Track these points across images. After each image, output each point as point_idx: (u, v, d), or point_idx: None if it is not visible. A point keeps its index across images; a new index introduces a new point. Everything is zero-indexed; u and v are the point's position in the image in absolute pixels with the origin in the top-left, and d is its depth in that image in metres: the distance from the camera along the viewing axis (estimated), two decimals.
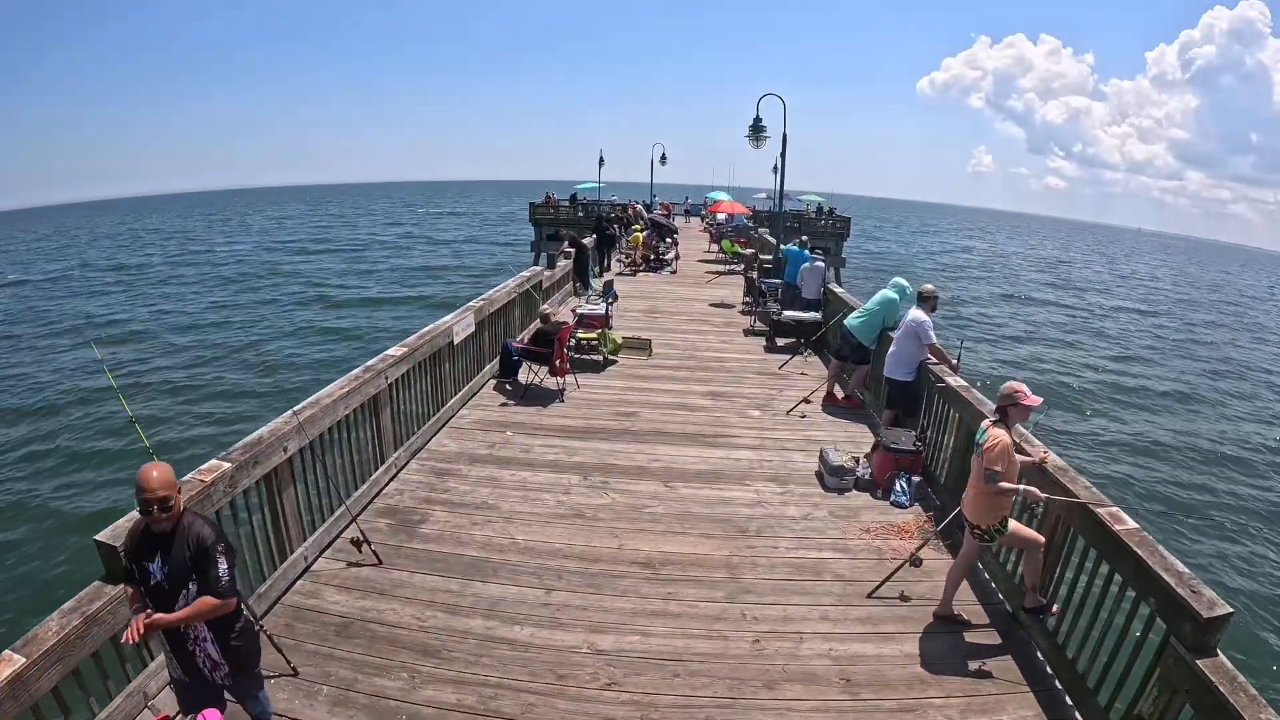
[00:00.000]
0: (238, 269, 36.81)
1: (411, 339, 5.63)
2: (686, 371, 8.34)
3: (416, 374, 5.68)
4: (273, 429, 3.82)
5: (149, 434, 10.22)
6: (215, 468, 3.37)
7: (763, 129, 13.59)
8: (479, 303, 7.25)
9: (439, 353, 6.12)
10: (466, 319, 6.71)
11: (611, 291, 10.35)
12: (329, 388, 4.42)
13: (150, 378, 16.74)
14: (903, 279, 6.90)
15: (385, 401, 5.06)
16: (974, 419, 4.62)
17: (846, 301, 8.77)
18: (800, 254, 11.81)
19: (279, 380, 17.00)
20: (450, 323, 6.32)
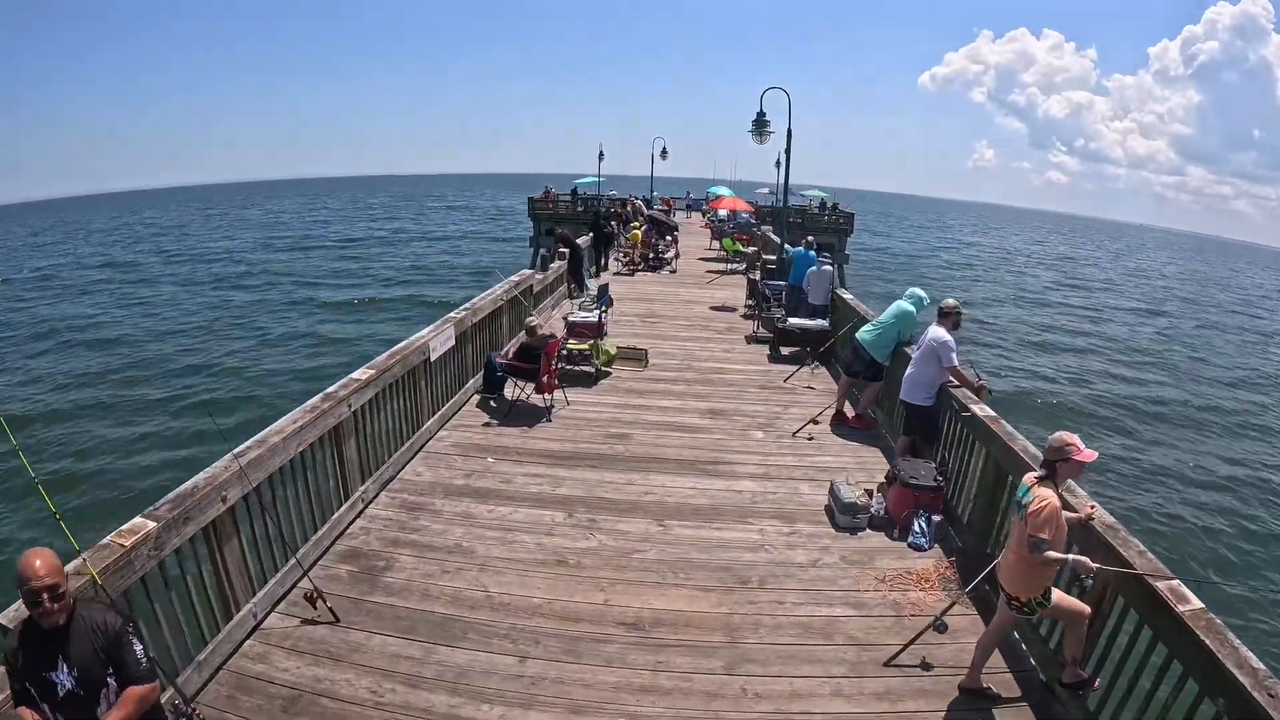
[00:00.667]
0: (224, 269, 35.69)
1: (381, 358, 5.17)
2: (684, 385, 7.90)
3: (388, 396, 5.25)
4: (209, 476, 3.38)
5: (68, 495, 9.38)
6: (138, 528, 2.93)
7: (766, 123, 13.12)
8: (460, 313, 6.80)
9: (414, 371, 5.68)
10: (446, 332, 6.27)
11: (606, 297, 9.90)
12: (280, 422, 3.97)
13: (78, 422, 13.89)
14: (920, 290, 6.45)
15: (350, 431, 4.62)
16: (1004, 456, 4.19)
17: (855, 309, 8.32)
18: (806, 255, 11.35)
19: (243, 402, 15.00)
20: (427, 338, 5.87)
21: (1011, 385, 17.99)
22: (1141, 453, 14.15)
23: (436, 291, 28.45)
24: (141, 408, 14.87)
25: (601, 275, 15.87)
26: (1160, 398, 18.57)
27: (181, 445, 12.44)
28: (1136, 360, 22.93)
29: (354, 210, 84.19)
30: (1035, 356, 22.16)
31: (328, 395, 4.39)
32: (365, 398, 4.77)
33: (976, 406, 4.73)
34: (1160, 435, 15.48)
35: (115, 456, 12.23)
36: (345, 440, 4.58)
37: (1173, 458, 14.04)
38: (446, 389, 6.51)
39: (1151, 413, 17.24)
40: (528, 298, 9.52)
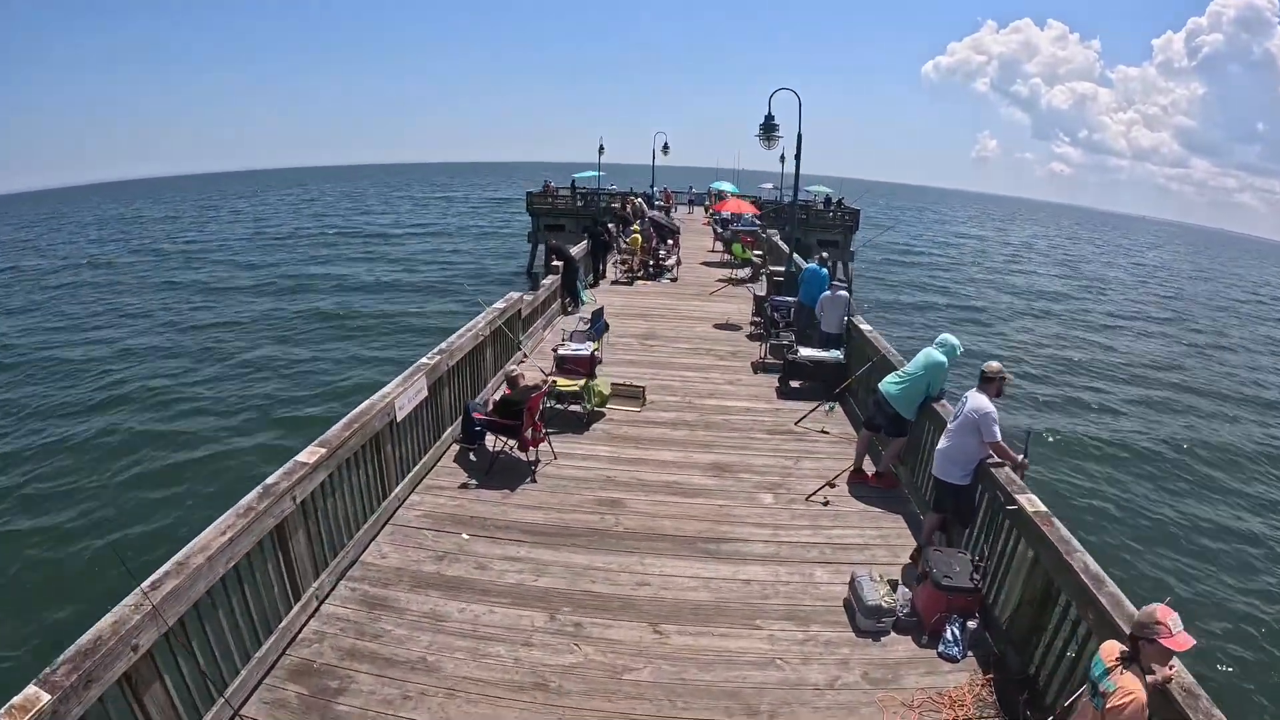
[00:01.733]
0: (196, 273, 32.68)
1: (334, 431, 4.60)
2: (686, 429, 7.34)
3: (346, 472, 4.70)
4: (116, 621, 2.84)
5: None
6: (30, 703, 2.39)
7: (775, 128, 12.48)
8: (434, 358, 6.22)
9: (378, 436, 5.12)
10: (416, 385, 5.70)
11: (601, 321, 9.30)
12: (205, 535, 3.42)
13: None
14: (953, 337, 5.87)
15: (297, 525, 4.08)
16: (1058, 569, 3.66)
17: (873, 343, 7.73)
18: (818, 274, 10.79)
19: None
20: (392, 396, 5.30)
21: (1039, 420, 16.98)
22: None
23: (420, 305, 25.88)
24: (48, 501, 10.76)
25: (599, 285, 15.27)
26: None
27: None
28: (1169, 380, 21.17)
29: (339, 203, 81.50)
30: (1060, 377, 20.53)
31: (266, 490, 3.83)
32: (315, 483, 4.22)
33: (1024, 498, 4.17)
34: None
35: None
36: (292, 535, 4.03)
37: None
38: (419, 446, 5.96)
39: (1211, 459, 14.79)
40: (514, 325, 8.94)
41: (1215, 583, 9.78)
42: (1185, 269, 66.25)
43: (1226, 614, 8.98)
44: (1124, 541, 10.63)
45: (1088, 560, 3.59)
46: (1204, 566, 10.21)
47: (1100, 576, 3.48)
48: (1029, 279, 41.79)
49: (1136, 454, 14.40)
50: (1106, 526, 11.06)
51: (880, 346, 7.49)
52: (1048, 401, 17.57)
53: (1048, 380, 19.69)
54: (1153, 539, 10.87)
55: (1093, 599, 3.38)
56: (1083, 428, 15.72)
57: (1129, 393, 19.17)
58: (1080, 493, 12.12)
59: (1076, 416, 16.64)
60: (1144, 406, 18.10)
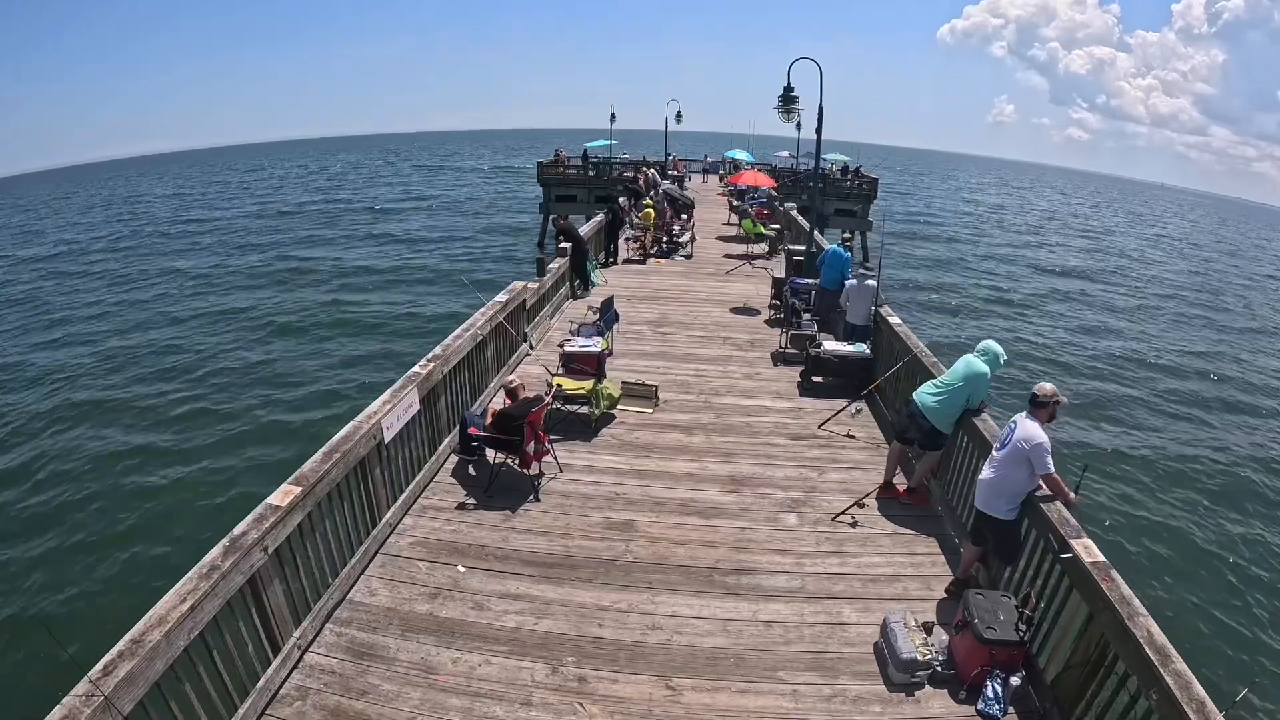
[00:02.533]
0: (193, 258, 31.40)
1: (311, 464, 4.24)
2: (701, 434, 6.92)
3: (328, 507, 4.35)
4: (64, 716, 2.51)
5: None
6: None
7: (795, 100, 11.74)
8: (426, 366, 5.82)
9: (365, 461, 4.77)
10: (406, 399, 5.31)
11: (611, 312, 8.83)
12: (161, 606, 3.10)
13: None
14: (995, 344, 5.37)
15: (272, 575, 3.75)
16: (1119, 639, 3.22)
17: (903, 338, 7.21)
18: (841, 256, 10.22)
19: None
20: (379, 415, 4.92)
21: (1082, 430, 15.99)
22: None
23: (423, 290, 24.56)
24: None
25: (611, 268, 14.75)
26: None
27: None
28: (1213, 372, 19.71)
29: (345, 174, 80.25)
30: (1092, 365, 19.41)
31: (233, 543, 3.49)
32: (291, 526, 3.88)
33: (1080, 545, 3.72)
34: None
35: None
36: (267, 588, 3.71)
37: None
38: (412, 464, 5.62)
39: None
40: (518, 318, 8.51)
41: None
42: (1206, 240, 63.46)
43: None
44: (1181, 586, 9.41)
45: (1152, 628, 3.16)
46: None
47: (1167, 651, 3.05)
48: (1055, 254, 39.99)
49: (1191, 467, 13.14)
50: (1160, 564, 9.88)
51: (911, 344, 6.97)
52: (1084, 398, 16.32)
53: (1081, 372, 18.63)
54: (1215, 585, 9.55)
55: (1156, 676, 2.98)
56: (1126, 433, 14.46)
57: (1173, 389, 17.85)
58: (1128, 519, 10.94)
59: (1117, 417, 15.42)
60: (1192, 406, 16.80)
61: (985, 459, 4.94)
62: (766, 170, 29.00)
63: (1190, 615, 8.79)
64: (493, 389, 7.51)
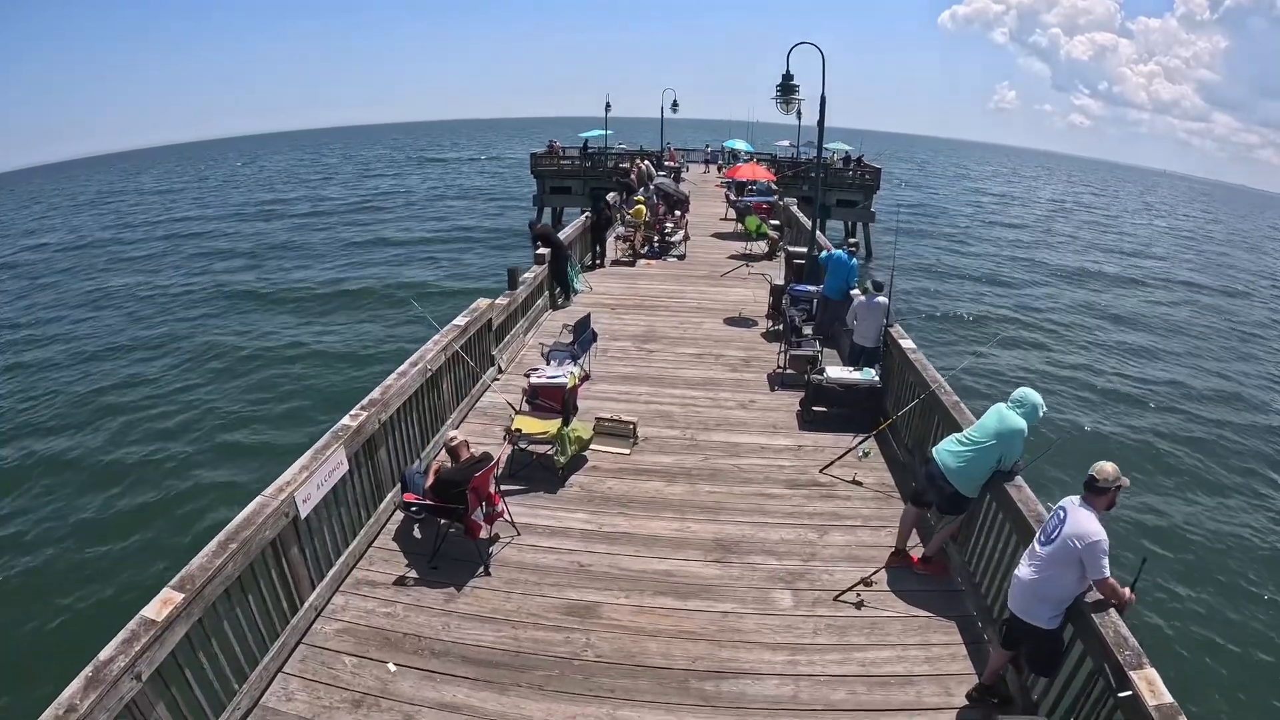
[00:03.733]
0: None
1: (201, 560, 3.47)
2: (685, 482, 6.12)
3: (228, 603, 3.56)
4: None
5: None
6: None
7: (795, 89, 10.85)
8: (358, 416, 5.00)
9: (278, 540, 3.96)
10: (330, 463, 4.50)
11: (588, 331, 7.99)
12: None
13: None
14: (1033, 392, 4.56)
15: (153, 701, 3.04)
16: None
17: (919, 370, 6.37)
18: (845, 263, 9.40)
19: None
20: (293, 488, 4.12)
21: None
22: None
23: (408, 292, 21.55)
24: None
25: (597, 270, 13.89)
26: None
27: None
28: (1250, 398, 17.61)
29: (340, 166, 77.80)
30: (1121, 387, 17.28)
31: (96, 674, 2.78)
32: (173, 642, 3.11)
33: (1143, 681, 2.93)
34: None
35: None
36: (147, 716, 2.92)
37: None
38: (343, 532, 4.85)
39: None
40: (483, 340, 7.66)
41: None
42: (1219, 232, 61.62)
43: None
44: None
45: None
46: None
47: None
48: (1072, 251, 37.98)
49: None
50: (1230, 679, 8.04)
51: (928, 376, 6.14)
52: (1112, 426, 14.70)
53: (1124, 402, 16.35)
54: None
55: None
56: (1187, 493, 12.31)
57: (1214, 415, 15.92)
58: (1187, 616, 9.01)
59: (1175, 466, 13.18)
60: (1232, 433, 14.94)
61: (1018, 537, 4.16)
62: (766, 162, 28.09)
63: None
64: (451, 426, 6.69)
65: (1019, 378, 15.42)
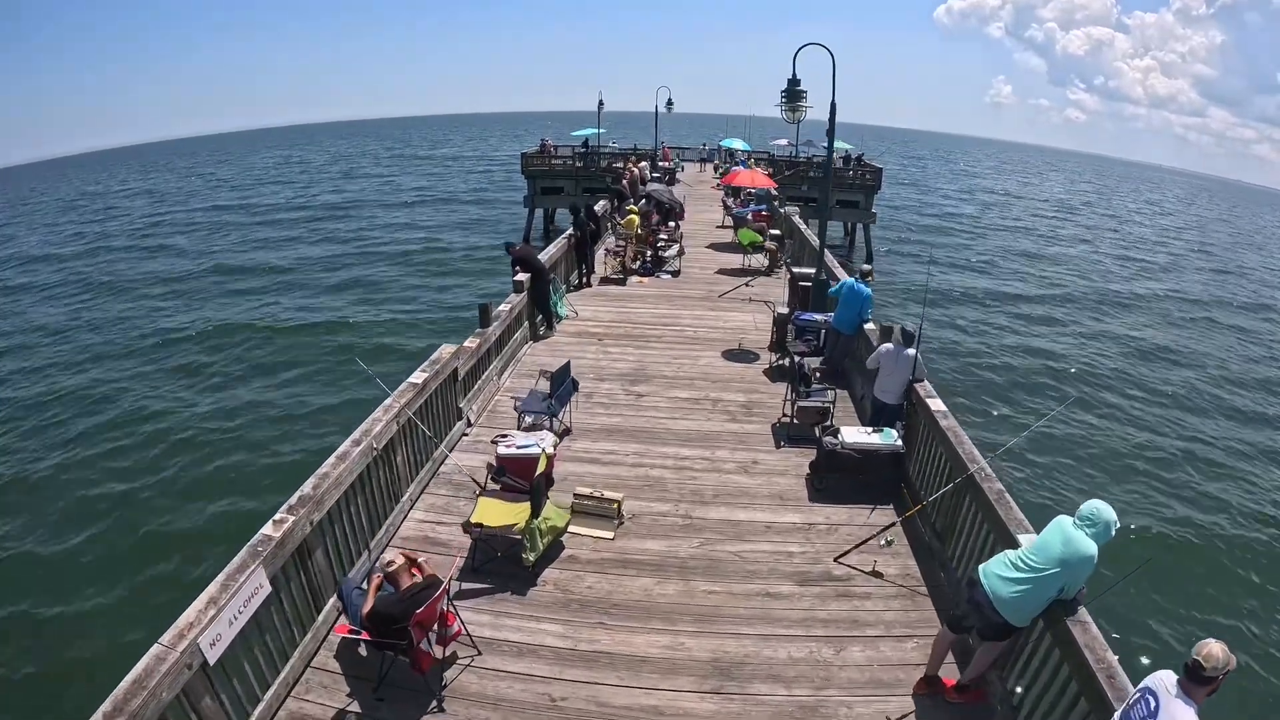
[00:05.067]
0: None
1: None
2: (678, 578, 5.33)
3: None
4: None
5: None
6: None
7: (801, 95, 10.02)
8: (283, 522, 4.19)
9: (183, 696, 3.17)
10: (245, 590, 3.71)
11: (568, 381, 7.17)
12: None
13: None
14: (1106, 508, 3.77)
15: None
16: None
17: (953, 443, 5.57)
18: (858, 292, 8.64)
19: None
20: (194, 634, 3.33)
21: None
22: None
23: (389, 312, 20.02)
24: None
25: (585, 290, 13.06)
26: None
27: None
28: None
29: (328, 167, 73.47)
30: (1148, 411, 15.89)
31: None
32: None
33: None
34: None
35: None
36: None
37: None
38: (271, 659, 4.02)
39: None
40: (445, 395, 6.83)
41: None
42: (1225, 232, 60.25)
43: None
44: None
45: None
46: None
47: None
48: (1082, 254, 36.07)
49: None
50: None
51: (963, 452, 5.34)
52: (1144, 455, 13.42)
53: (1139, 423, 15.05)
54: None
55: None
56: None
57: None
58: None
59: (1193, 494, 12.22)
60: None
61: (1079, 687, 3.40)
62: (764, 165, 27.26)
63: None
64: (406, 504, 5.88)
65: (1074, 456, 13.17)
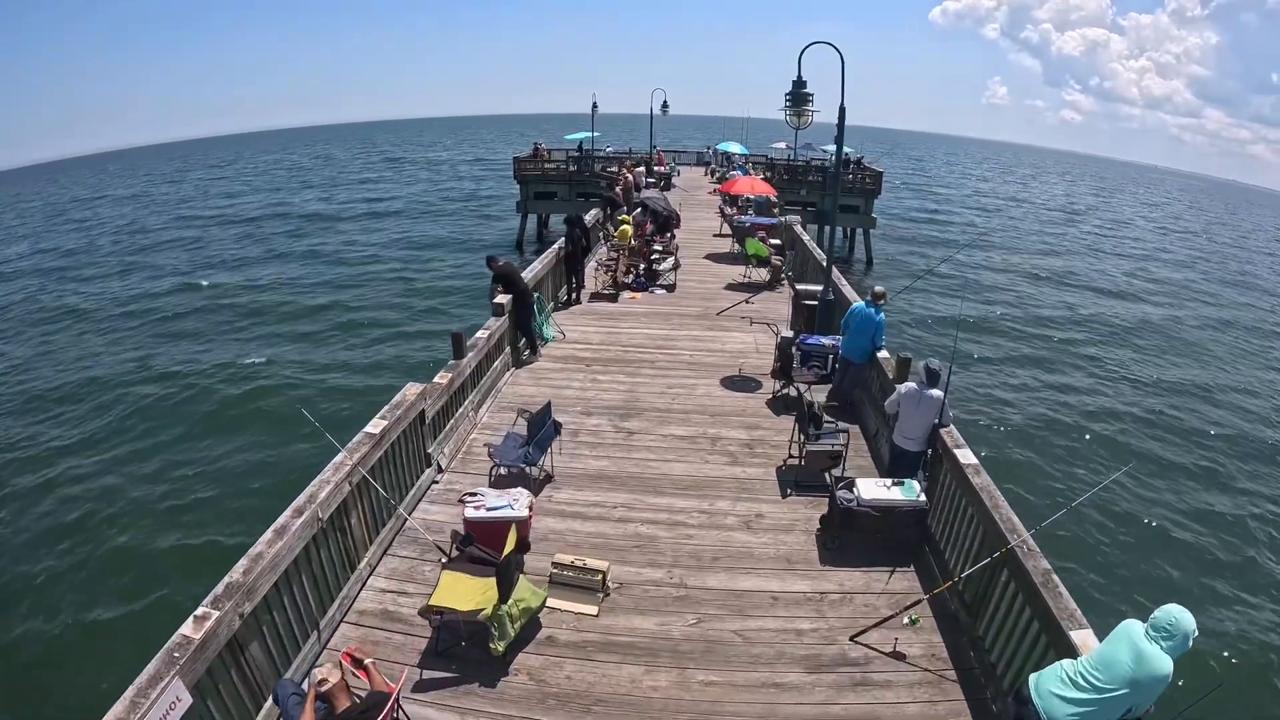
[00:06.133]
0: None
1: None
2: (671, 666, 4.65)
3: None
4: None
5: None
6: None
7: (808, 99, 9.40)
8: (204, 620, 3.53)
9: None
10: (162, 704, 3.07)
11: (548, 424, 6.48)
12: None
13: None
14: (1186, 617, 3.11)
15: None
16: None
17: (984, 501, 4.89)
18: (870, 318, 8.03)
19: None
20: None
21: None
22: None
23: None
24: None
25: (574, 307, 12.38)
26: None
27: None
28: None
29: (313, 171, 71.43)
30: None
31: None
32: None
33: None
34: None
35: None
36: None
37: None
38: None
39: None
40: (409, 442, 6.12)
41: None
42: (1231, 237, 59.12)
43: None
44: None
45: None
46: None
47: None
48: (1092, 266, 34.05)
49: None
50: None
51: (1001, 519, 4.65)
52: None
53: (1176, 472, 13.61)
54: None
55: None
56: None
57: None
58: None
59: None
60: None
61: None
62: (763, 169, 26.63)
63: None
64: (365, 571, 5.20)
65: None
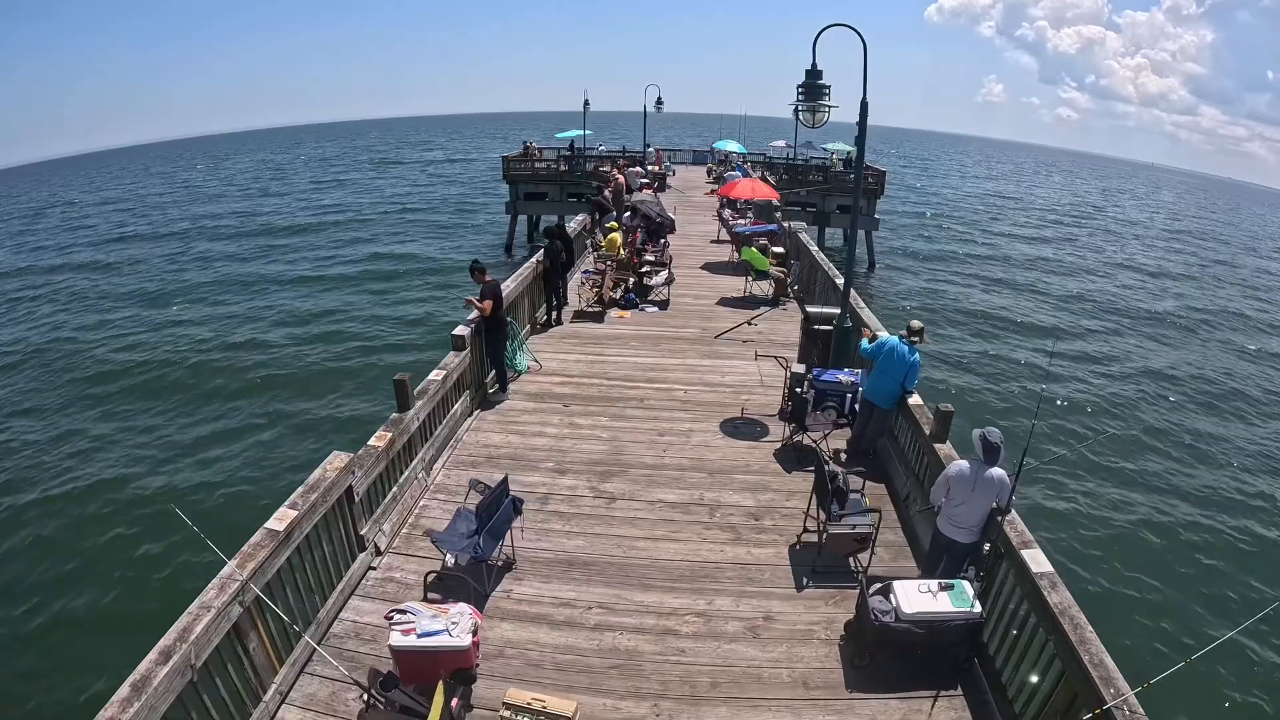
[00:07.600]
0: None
1: None
2: None
3: None
4: None
5: None
6: None
7: (824, 91, 8.18)
8: None
9: None
10: None
11: (505, 504, 5.24)
12: None
13: None
14: None
15: None
16: None
17: (1058, 617, 3.70)
18: (904, 356, 6.88)
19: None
20: None
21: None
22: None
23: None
24: None
25: (555, 329, 11.15)
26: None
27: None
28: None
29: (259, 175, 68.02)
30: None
31: None
32: None
33: None
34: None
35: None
36: None
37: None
38: None
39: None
40: (332, 534, 4.88)
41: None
42: (1238, 237, 57.74)
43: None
44: None
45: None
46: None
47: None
48: (1100, 273, 32.19)
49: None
50: None
51: (1090, 659, 3.46)
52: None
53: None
54: None
55: None
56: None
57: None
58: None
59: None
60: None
61: None
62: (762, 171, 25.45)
63: None
64: (275, 700, 3.98)
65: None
